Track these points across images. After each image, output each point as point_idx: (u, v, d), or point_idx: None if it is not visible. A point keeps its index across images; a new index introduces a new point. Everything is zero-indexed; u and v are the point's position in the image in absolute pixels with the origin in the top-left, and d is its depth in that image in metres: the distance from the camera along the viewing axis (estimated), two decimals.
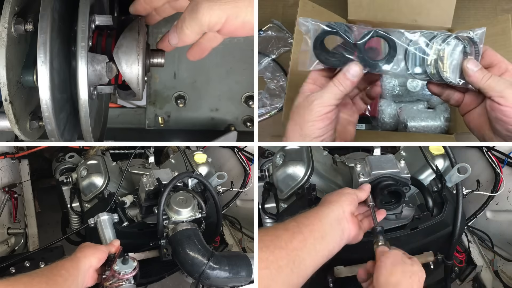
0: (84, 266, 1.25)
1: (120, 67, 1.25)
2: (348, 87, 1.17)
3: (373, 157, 1.35)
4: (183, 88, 1.88)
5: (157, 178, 1.59)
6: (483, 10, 2.09)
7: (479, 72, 1.14)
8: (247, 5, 1.15)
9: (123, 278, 1.32)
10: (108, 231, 1.56)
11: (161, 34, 1.71)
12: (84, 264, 1.25)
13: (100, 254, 1.31)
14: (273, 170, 1.53)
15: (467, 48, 1.16)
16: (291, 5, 2.16)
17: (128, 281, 1.33)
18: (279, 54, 2.11)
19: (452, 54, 1.16)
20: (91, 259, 1.27)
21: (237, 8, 1.15)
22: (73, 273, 1.20)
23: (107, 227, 1.57)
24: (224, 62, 1.81)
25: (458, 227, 1.38)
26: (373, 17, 1.89)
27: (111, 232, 1.56)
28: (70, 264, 1.22)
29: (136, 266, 1.34)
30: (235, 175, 2.07)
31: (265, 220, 1.63)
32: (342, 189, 1.24)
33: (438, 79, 1.19)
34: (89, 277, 1.27)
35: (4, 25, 1.09)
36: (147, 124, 1.96)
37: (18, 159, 2.07)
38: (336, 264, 1.38)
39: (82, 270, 1.24)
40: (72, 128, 1.35)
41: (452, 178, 1.40)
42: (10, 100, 1.14)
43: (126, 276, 1.32)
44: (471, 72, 1.15)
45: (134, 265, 1.34)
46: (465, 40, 1.17)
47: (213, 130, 1.96)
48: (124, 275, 1.31)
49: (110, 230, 1.56)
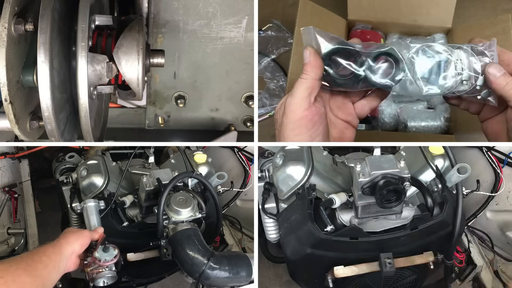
0: (67, 252, 1.25)
1: (120, 67, 1.25)
2: (308, 71, 1.09)
3: (373, 157, 1.35)
4: (183, 88, 1.88)
5: (157, 178, 1.59)
6: (483, 10, 2.09)
7: (502, 79, 1.07)
8: None
9: (104, 265, 1.33)
10: (93, 218, 1.57)
11: (161, 34, 1.71)
12: (67, 250, 1.25)
13: (83, 240, 1.31)
14: (273, 170, 1.53)
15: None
16: (291, 5, 2.16)
17: (109, 268, 1.34)
18: (279, 54, 2.11)
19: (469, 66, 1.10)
20: (73, 245, 1.27)
21: None
22: (55, 259, 1.20)
23: (93, 213, 1.58)
24: (224, 62, 1.81)
25: (458, 227, 1.38)
26: (373, 17, 1.89)
27: (96, 219, 1.57)
28: (52, 250, 1.22)
29: (116, 255, 1.36)
30: (235, 175, 2.07)
31: (265, 220, 1.63)
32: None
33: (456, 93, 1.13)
34: (71, 262, 1.28)
35: (4, 25, 1.09)
36: (147, 124, 1.96)
37: (18, 159, 2.07)
38: (335, 264, 1.38)
39: (64, 256, 1.24)
40: (72, 128, 1.35)
41: (452, 178, 1.40)
42: (10, 100, 1.14)
43: (106, 263, 1.33)
44: (493, 78, 1.08)
45: (114, 253, 1.35)
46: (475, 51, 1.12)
47: (213, 130, 1.96)
48: (104, 263, 1.33)
49: (95, 217, 1.57)
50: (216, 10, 1.67)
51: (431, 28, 1.90)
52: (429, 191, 1.41)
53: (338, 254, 1.39)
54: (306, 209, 1.40)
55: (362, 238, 1.37)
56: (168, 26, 1.70)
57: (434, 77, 1.11)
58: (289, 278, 1.63)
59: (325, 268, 1.41)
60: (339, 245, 1.38)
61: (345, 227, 1.39)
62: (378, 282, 1.45)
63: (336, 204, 1.39)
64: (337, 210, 1.43)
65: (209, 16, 1.68)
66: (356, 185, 1.31)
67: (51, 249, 1.22)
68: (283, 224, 1.50)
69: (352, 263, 1.38)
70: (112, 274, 1.35)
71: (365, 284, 1.45)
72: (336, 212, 1.43)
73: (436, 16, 1.86)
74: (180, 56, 1.79)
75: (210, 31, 1.72)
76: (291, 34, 2.08)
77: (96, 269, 1.33)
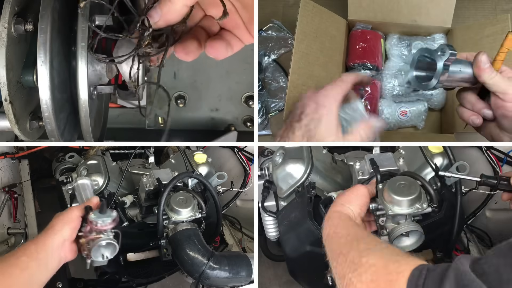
0: (54, 244, 1.09)
1: (120, 67, 1.25)
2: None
3: (372, 155, 1.35)
4: (183, 88, 1.88)
5: (157, 178, 1.59)
6: (483, 10, 2.10)
7: (489, 68, 1.16)
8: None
9: (101, 229, 1.14)
10: (87, 194, 1.34)
11: None
12: (54, 241, 1.09)
13: (73, 222, 1.14)
14: (273, 168, 1.53)
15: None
16: (291, 5, 2.17)
17: (107, 234, 1.15)
18: (279, 55, 2.11)
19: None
20: (63, 232, 1.11)
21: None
22: (38, 256, 1.05)
23: (85, 189, 1.35)
24: (224, 62, 1.81)
25: (457, 225, 1.39)
26: (373, 17, 1.90)
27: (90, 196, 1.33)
28: (34, 247, 1.06)
29: (115, 218, 1.16)
30: (235, 175, 2.07)
31: (265, 218, 1.63)
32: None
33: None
34: (66, 251, 1.12)
35: (4, 25, 1.09)
36: (147, 124, 1.96)
37: (18, 159, 2.07)
38: None
39: (52, 248, 1.09)
40: (72, 128, 1.35)
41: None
42: (10, 100, 1.14)
43: (104, 227, 1.14)
44: (483, 65, 1.16)
45: (113, 214, 1.16)
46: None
47: (213, 130, 1.97)
48: (102, 226, 1.13)
49: (89, 194, 1.34)
50: None
51: (431, 28, 1.91)
52: (431, 184, 1.41)
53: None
54: (305, 207, 1.41)
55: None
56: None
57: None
58: (289, 278, 1.63)
59: (325, 265, 1.41)
60: None
61: None
62: None
63: None
64: None
65: None
66: (356, 183, 1.32)
67: (33, 246, 1.07)
68: (282, 222, 1.51)
69: None
70: (112, 241, 1.15)
71: None
72: None
73: (436, 16, 1.87)
74: None
75: None
76: (292, 35, 2.08)
77: (91, 236, 1.13)
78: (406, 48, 1.92)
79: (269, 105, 2.03)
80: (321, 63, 1.77)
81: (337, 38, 1.86)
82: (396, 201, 1.21)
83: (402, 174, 1.29)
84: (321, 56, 1.76)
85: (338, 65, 1.85)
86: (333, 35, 1.83)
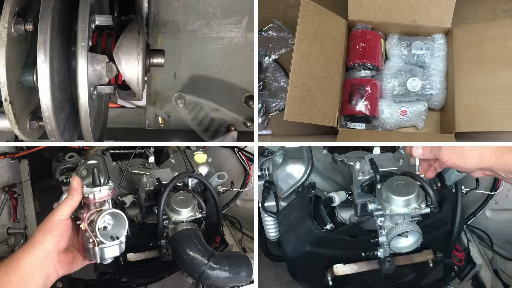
0: (32, 261, 0.92)
1: (120, 67, 1.25)
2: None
3: (372, 156, 1.35)
4: (183, 88, 1.88)
5: (157, 178, 1.59)
6: (483, 10, 2.09)
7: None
8: None
9: (100, 201, 1.02)
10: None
11: (161, 34, 1.71)
12: (32, 258, 0.92)
13: (57, 228, 0.97)
14: (273, 169, 1.53)
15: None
16: (292, 5, 2.16)
17: (108, 206, 1.04)
18: (280, 55, 2.11)
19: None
20: (44, 243, 0.94)
21: None
22: (10, 280, 0.88)
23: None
24: (224, 62, 1.82)
25: (457, 225, 1.39)
26: (373, 18, 1.90)
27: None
28: (3, 271, 0.88)
29: (112, 187, 1.05)
30: (235, 175, 2.07)
31: (265, 218, 1.63)
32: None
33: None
34: (54, 264, 0.96)
35: (4, 25, 1.10)
36: (147, 124, 1.96)
37: (18, 159, 2.08)
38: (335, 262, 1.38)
39: (30, 267, 0.92)
40: (72, 128, 1.35)
41: (451, 177, 1.41)
42: (10, 100, 1.14)
43: (103, 198, 1.03)
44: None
45: (111, 184, 1.05)
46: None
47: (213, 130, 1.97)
48: (100, 197, 1.02)
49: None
50: (216, 10, 1.68)
51: (430, 28, 1.91)
52: (431, 185, 1.41)
53: (337, 252, 1.39)
54: (305, 207, 1.41)
55: (362, 236, 1.37)
56: (168, 26, 1.70)
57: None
58: (289, 278, 1.63)
59: (325, 266, 1.42)
60: (338, 243, 1.38)
61: (344, 225, 1.40)
62: (377, 280, 1.45)
63: (335, 202, 1.40)
64: (336, 208, 1.43)
65: (209, 16, 1.69)
66: (356, 183, 1.31)
67: (2, 269, 0.89)
68: (283, 222, 1.51)
69: (352, 261, 1.38)
70: (116, 210, 1.02)
71: (365, 282, 1.45)
72: (335, 210, 1.43)
73: (436, 16, 1.87)
74: (180, 56, 1.79)
75: (210, 31, 1.73)
76: (292, 35, 2.08)
77: (92, 211, 1.01)
78: (406, 48, 1.92)
79: (269, 105, 2.03)
80: (322, 63, 1.77)
81: (338, 38, 1.86)
82: (393, 201, 1.21)
83: (402, 174, 1.30)
84: (321, 56, 1.76)
85: (338, 65, 1.85)
86: (333, 35, 1.84)
